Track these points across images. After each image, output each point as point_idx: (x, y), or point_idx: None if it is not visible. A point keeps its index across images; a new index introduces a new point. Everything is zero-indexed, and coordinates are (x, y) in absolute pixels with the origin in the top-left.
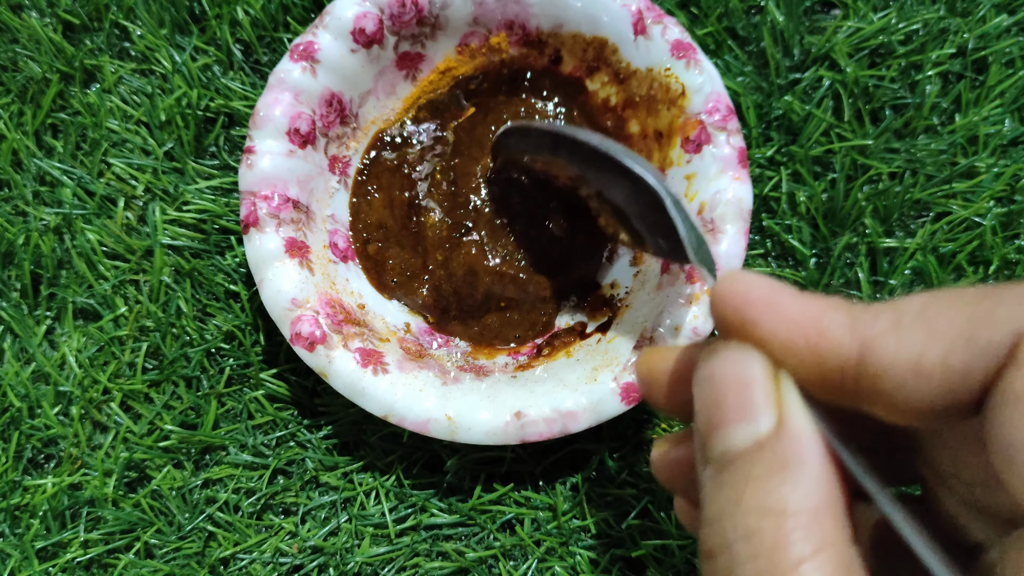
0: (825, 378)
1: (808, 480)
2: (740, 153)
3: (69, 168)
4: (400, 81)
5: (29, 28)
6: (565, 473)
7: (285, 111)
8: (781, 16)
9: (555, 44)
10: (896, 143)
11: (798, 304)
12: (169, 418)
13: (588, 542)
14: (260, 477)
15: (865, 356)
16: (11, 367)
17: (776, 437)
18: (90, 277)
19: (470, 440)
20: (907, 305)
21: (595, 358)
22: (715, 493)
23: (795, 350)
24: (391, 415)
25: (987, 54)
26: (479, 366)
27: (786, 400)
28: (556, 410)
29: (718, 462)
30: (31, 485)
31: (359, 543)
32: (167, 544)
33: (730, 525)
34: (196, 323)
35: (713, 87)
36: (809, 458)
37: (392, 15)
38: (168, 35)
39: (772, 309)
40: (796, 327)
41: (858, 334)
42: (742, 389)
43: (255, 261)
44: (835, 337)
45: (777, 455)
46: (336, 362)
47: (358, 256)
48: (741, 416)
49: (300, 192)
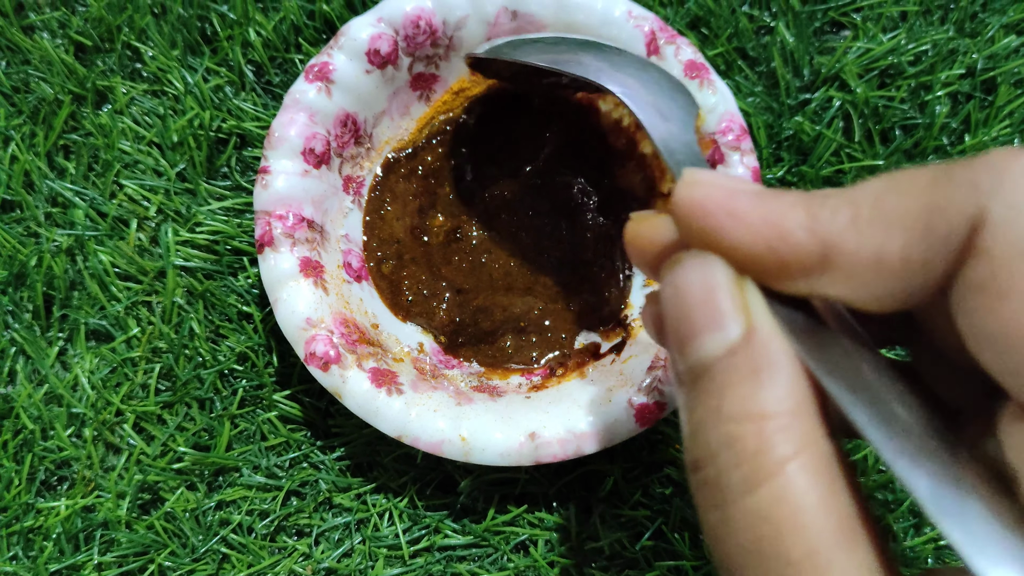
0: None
1: (782, 382)
2: (754, 173)
3: (81, 189)
4: (414, 102)
5: (41, 49)
6: (579, 494)
7: (300, 131)
8: (791, 37)
9: None
10: (906, 163)
11: (757, 208)
12: (182, 440)
13: (602, 563)
14: (274, 499)
15: (827, 256)
16: (24, 388)
17: (746, 343)
18: (102, 298)
19: (484, 461)
20: (863, 195)
21: (609, 379)
22: (694, 404)
23: (758, 256)
24: (405, 436)
25: (996, 74)
26: (493, 387)
27: (752, 305)
28: (570, 431)
29: (692, 372)
30: (44, 507)
31: (373, 564)
32: (181, 567)
33: (713, 435)
34: (209, 344)
35: (727, 107)
36: (781, 360)
37: (407, 36)
38: (180, 56)
39: (732, 217)
40: (757, 234)
41: (818, 234)
42: (708, 298)
43: (270, 281)
44: (796, 240)
45: (750, 360)
46: (350, 382)
47: (372, 276)
48: (709, 325)
49: (315, 212)
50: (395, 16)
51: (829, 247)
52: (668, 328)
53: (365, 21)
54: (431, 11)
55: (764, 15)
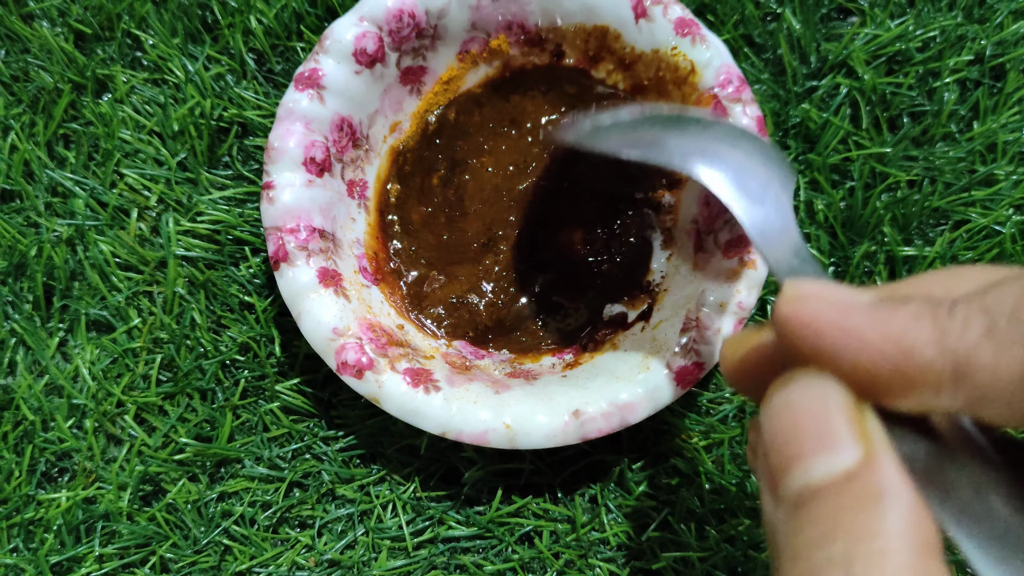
0: (914, 397)
1: (906, 512)
2: (758, 122)
3: (81, 179)
4: (406, 97)
5: (40, 38)
6: (584, 485)
7: (299, 141)
8: (798, 23)
9: (556, 39)
10: (914, 151)
11: (877, 325)
12: (184, 431)
13: (607, 554)
14: (276, 490)
15: (960, 372)
16: (24, 380)
17: (866, 468)
18: (103, 289)
19: (530, 445)
20: (997, 303)
21: (643, 347)
22: (797, 528)
23: (881, 378)
24: (449, 431)
25: (1005, 61)
26: (527, 371)
27: (871, 430)
28: (613, 403)
29: (799, 495)
30: (45, 499)
31: (376, 556)
32: (183, 559)
33: (821, 556)
34: (210, 335)
35: (722, 60)
36: (903, 490)
37: (391, 31)
38: (181, 45)
39: (849, 336)
40: (880, 353)
41: (948, 350)
42: (823, 419)
43: (290, 296)
44: (924, 359)
45: (869, 487)
46: (387, 386)
47: (388, 285)
48: (823, 446)
49: (324, 221)
50: (377, 13)
51: (963, 364)
52: (770, 448)
53: (348, 22)
54: (412, 3)
55: (771, 2)
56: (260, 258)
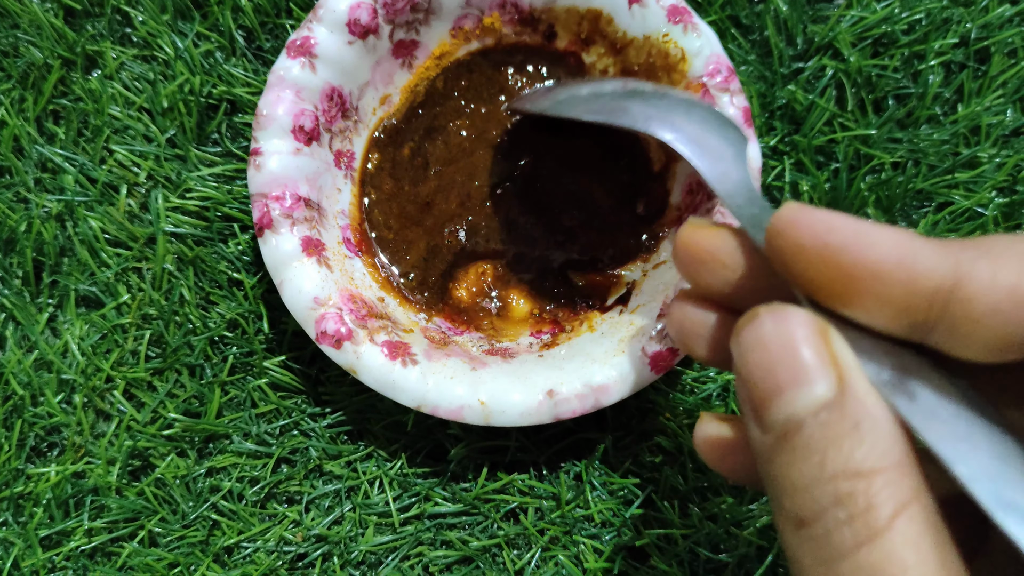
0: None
1: (883, 436)
2: (745, 112)
3: (71, 155)
4: (397, 70)
5: (30, 13)
6: (569, 462)
7: (288, 109)
8: (784, 5)
9: (549, 20)
10: (899, 133)
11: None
12: (172, 406)
13: (591, 531)
14: (264, 466)
15: (960, 280)
16: (13, 355)
17: (842, 397)
18: (92, 264)
19: (504, 423)
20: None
21: (620, 330)
22: (790, 461)
23: (887, 275)
24: (424, 405)
25: (989, 44)
26: (504, 348)
27: (842, 358)
28: (587, 385)
29: (783, 428)
30: (34, 473)
31: (363, 532)
32: (171, 533)
33: (820, 492)
34: (199, 311)
35: (712, 50)
36: (878, 414)
37: (385, 3)
38: (170, 21)
39: (859, 235)
40: (887, 251)
41: (951, 256)
42: (794, 351)
43: (273, 263)
44: (929, 261)
45: (847, 415)
46: (364, 357)
47: (370, 256)
48: (799, 380)
49: (310, 190)
50: None
51: (964, 273)
52: (745, 385)
53: None
54: None
55: None
56: (248, 235)
